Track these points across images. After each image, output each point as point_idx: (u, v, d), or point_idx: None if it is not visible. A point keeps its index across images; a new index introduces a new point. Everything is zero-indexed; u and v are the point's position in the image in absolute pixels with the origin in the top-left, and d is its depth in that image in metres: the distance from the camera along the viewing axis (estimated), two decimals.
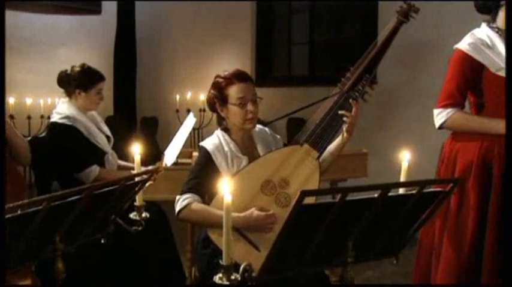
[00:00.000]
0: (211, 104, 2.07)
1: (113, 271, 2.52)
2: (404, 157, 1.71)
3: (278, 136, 2.18)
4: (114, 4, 6.23)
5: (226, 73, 2.04)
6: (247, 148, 2.06)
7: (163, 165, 2.70)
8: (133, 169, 2.76)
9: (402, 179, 1.69)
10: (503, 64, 2.08)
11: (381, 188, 1.23)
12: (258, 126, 2.11)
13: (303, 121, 5.31)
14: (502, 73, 2.08)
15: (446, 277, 2.12)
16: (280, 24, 5.91)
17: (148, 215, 1.79)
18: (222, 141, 2.03)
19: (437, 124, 2.21)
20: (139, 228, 1.77)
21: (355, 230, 1.32)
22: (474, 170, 2.09)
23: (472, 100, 2.23)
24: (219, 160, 1.98)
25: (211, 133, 2.12)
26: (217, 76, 2.05)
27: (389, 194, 1.30)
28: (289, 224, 1.19)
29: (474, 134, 2.14)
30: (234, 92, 1.99)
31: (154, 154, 4.31)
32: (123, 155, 2.97)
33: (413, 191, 1.35)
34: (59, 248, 1.43)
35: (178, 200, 1.96)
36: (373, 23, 4.88)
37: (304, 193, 1.13)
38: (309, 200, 1.93)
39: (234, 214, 1.77)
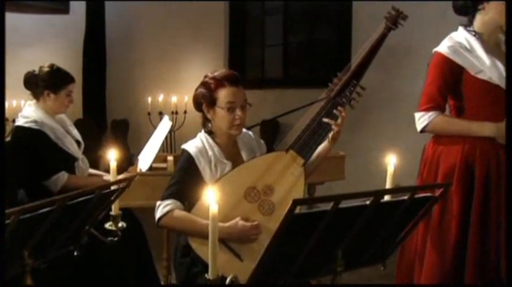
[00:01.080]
0: (197, 103, 1.99)
1: (85, 283, 2.39)
2: (390, 161, 1.68)
3: (262, 141, 2.13)
4: (83, 4, 6.06)
5: (217, 74, 1.96)
6: (231, 153, 2.00)
7: (138, 170, 2.59)
8: (102, 176, 2.69)
9: (388, 183, 1.67)
10: (482, 67, 2.11)
11: (373, 195, 1.18)
12: (243, 130, 2.05)
13: (278, 124, 5.30)
14: (481, 76, 2.11)
15: (430, 281, 2.11)
16: (253, 25, 5.86)
17: (125, 225, 1.69)
18: (206, 144, 1.96)
19: (419, 128, 2.21)
20: (115, 239, 1.67)
21: (346, 238, 1.28)
22: (457, 172, 2.11)
23: (451, 103, 2.25)
24: (202, 165, 1.92)
25: (183, 136, 2.05)
26: (207, 76, 1.98)
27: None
28: (280, 233, 1.13)
29: (456, 137, 2.15)
30: (223, 95, 1.91)
31: (125, 158, 4.19)
32: (93, 159, 2.85)
33: (405, 197, 1.32)
34: (27, 263, 1.32)
35: (159, 206, 1.89)
36: (347, 24, 4.89)
37: (297, 202, 1.08)
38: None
39: (218, 224, 1.69)
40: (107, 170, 2.73)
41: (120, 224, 1.69)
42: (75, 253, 1.59)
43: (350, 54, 4.79)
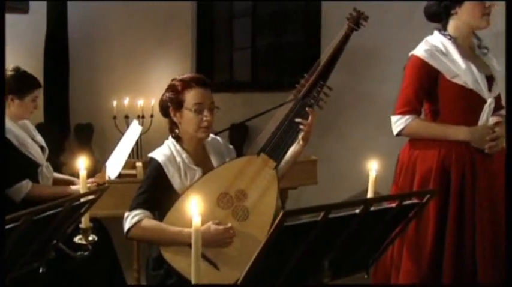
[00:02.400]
0: (164, 108, 1.96)
1: None
2: (372, 167, 1.65)
3: (231, 146, 2.10)
4: (44, 3, 5.84)
5: (184, 76, 1.94)
6: (201, 159, 1.96)
7: (107, 178, 2.48)
8: (70, 181, 2.56)
9: (370, 190, 1.64)
10: (457, 71, 2.13)
11: (363, 204, 1.14)
12: (211, 136, 2.02)
13: (247, 128, 5.24)
14: (457, 80, 2.14)
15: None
16: (221, 28, 5.79)
17: (96, 238, 1.59)
18: (174, 151, 1.92)
19: (395, 131, 2.21)
20: (85, 253, 1.57)
21: (333, 248, 1.24)
22: (434, 176, 2.12)
23: (427, 107, 2.26)
24: (171, 172, 1.87)
25: (150, 141, 1.99)
26: (175, 79, 1.95)
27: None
28: (268, 244, 1.07)
29: (432, 141, 2.17)
30: (191, 97, 1.89)
31: (90, 164, 4.02)
32: (56, 165, 2.71)
33: (392, 205, 1.30)
34: None
35: (127, 217, 1.83)
36: (316, 25, 4.88)
37: (287, 213, 1.03)
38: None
39: (190, 229, 1.63)
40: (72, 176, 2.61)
41: (90, 238, 1.58)
42: (41, 270, 1.47)
43: (319, 57, 4.77)
